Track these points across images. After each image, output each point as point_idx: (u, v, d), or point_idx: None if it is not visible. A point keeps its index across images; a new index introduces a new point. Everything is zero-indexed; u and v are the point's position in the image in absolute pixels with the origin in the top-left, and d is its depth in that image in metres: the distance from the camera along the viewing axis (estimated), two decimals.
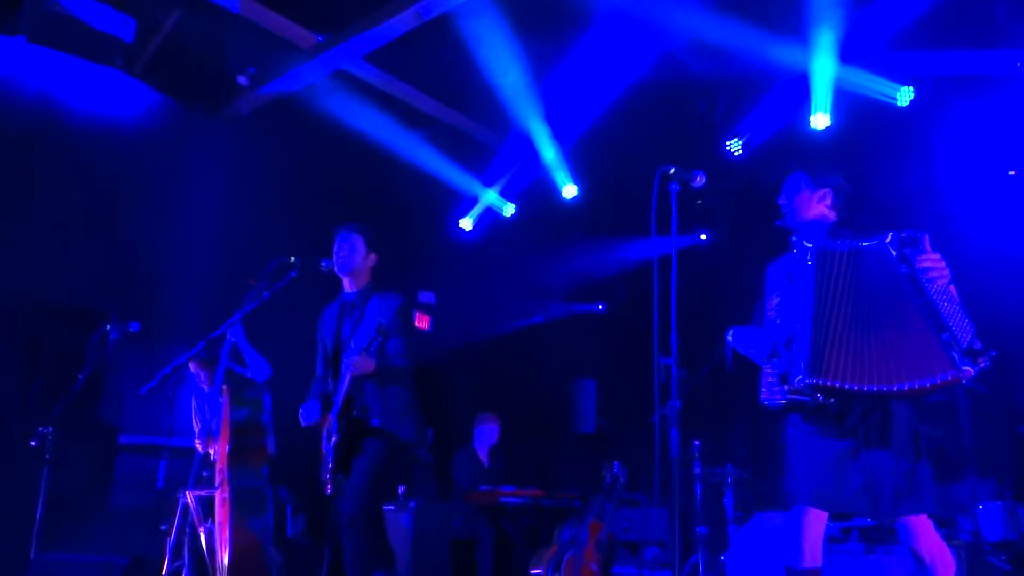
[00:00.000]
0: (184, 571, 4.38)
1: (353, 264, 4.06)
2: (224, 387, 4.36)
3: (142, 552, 4.69)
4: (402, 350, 3.93)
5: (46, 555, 4.34)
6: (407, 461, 3.97)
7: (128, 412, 6.02)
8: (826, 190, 3.15)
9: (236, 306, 4.15)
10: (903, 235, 2.83)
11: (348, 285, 4.12)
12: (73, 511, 4.98)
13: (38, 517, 4.24)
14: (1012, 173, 6.17)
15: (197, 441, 4.61)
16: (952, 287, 2.80)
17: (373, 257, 4.13)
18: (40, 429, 4.34)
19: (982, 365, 2.67)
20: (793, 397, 2.84)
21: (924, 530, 2.88)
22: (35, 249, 5.81)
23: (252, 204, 6.90)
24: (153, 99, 6.61)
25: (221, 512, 4.17)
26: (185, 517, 5.21)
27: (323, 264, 4.11)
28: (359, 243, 4.08)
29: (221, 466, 4.25)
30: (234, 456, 4.23)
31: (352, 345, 3.82)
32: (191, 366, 4.98)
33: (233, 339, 4.21)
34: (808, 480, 2.91)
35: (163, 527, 5.25)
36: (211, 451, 4.51)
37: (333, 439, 3.82)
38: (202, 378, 5.04)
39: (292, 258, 4.04)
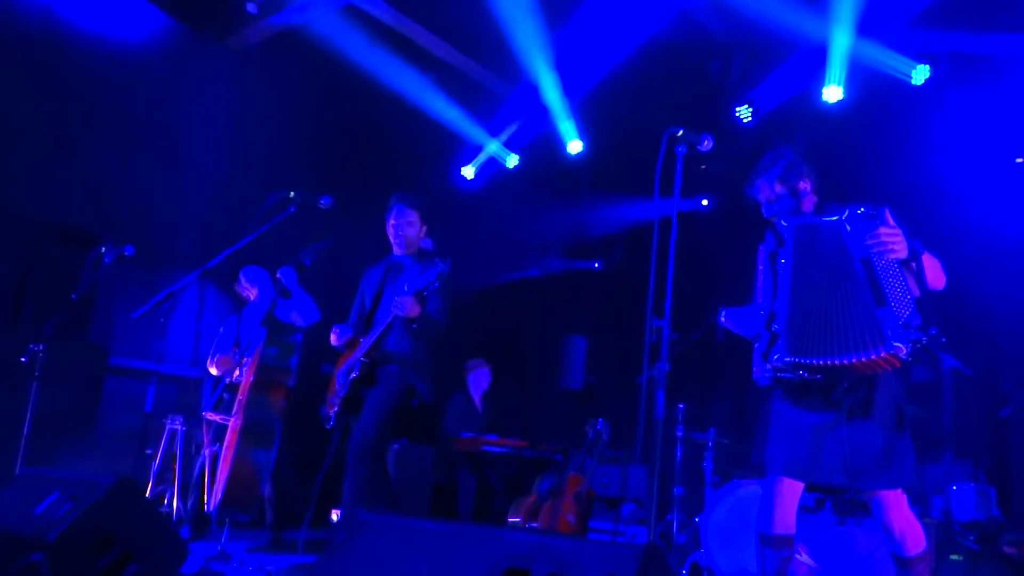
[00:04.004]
0: (168, 495, 4.44)
1: (410, 238, 4.25)
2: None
3: (127, 473, 4.75)
4: (442, 307, 4.12)
5: (31, 470, 4.39)
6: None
7: (119, 335, 6.04)
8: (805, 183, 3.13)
9: (233, 235, 4.14)
10: (860, 210, 2.82)
11: (398, 250, 4.29)
12: (61, 429, 5.02)
13: (25, 433, 4.26)
14: (1020, 160, 6.13)
15: (210, 362, 4.74)
16: (922, 259, 2.76)
17: (425, 228, 4.32)
18: (31, 346, 4.33)
19: (918, 341, 2.64)
20: (777, 375, 2.89)
21: (897, 505, 2.92)
22: (33, 167, 5.75)
23: (254, 134, 6.83)
24: (160, 21, 6.50)
25: (231, 438, 4.25)
26: (171, 443, 5.27)
27: (322, 202, 4.08)
28: (416, 218, 4.26)
29: (241, 397, 4.33)
30: (255, 389, 4.33)
31: (406, 288, 3.93)
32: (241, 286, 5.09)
33: (284, 281, 4.28)
34: (784, 450, 2.95)
35: (148, 451, 5.31)
36: (234, 376, 4.63)
37: (353, 375, 3.98)
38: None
39: (291, 193, 4.01)
